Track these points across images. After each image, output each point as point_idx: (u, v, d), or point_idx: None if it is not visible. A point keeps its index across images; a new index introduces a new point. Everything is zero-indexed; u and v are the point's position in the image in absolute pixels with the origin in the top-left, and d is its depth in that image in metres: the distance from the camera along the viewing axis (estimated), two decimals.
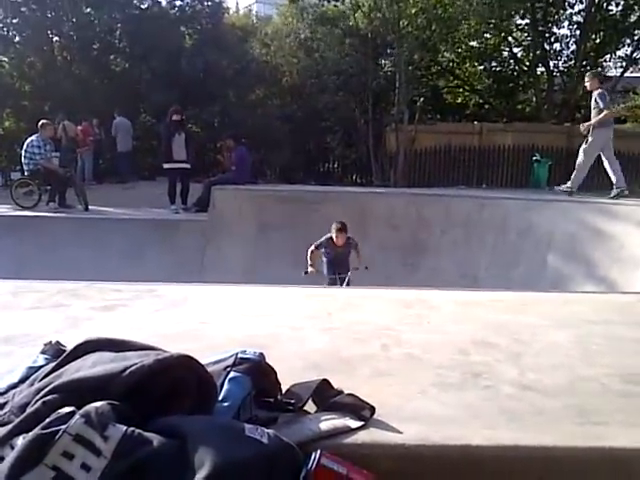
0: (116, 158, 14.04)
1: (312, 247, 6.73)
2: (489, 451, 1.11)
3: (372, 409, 1.20)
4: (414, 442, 1.11)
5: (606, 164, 8.48)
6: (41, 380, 1.02)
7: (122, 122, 13.74)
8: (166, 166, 9.83)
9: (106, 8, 15.93)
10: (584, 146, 8.68)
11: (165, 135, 9.87)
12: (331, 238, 6.67)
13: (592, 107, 8.41)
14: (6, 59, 17.37)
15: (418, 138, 15.09)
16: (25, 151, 9.74)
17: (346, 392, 1.25)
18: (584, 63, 17.25)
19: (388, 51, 17.16)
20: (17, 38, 17.00)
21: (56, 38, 17.20)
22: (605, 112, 8.15)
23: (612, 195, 8.31)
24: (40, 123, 9.94)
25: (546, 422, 1.22)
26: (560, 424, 1.21)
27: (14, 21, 16.41)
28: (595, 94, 8.33)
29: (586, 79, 8.79)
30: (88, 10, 16.70)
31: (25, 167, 9.85)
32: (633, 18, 16.55)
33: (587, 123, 8.56)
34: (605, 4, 16.67)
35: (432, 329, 1.92)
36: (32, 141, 9.73)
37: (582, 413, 1.27)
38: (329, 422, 1.14)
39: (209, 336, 1.75)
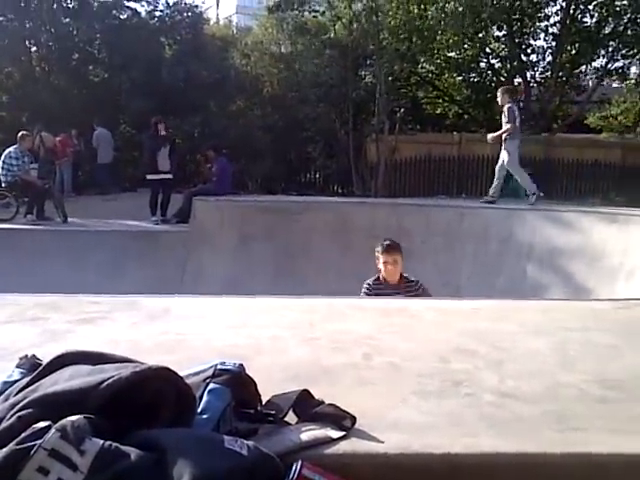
0: (96, 169, 13.92)
1: (363, 290, 4.40)
2: (469, 459, 1.11)
3: (353, 419, 1.20)
4: (395, 451, 1.11)
5: (513, 173, 9.25)
6: (16, 394, 1.01)
7: (102, 133, 13.65)
8: (150, 177, 9.77)
9: (85, 18, 15.85)
10: (502, 159, 9.26)
11: (150, 146, 9.80)
12: (378, 276, 4.47)
13: (503, 121, 9.01)
14: None
15: (398, 148, 15.20)
16: (3, 162, 9.60)
17: (327, 402, 1.24)
18: (560, 74, 17.54)
19: (368, 62, 17.30)
20: None
21: (34, 48, 17.05)
22: (509, 126, 8.81)
23: (530, 202, 8.87)
24: (19, 134, 9.82)
25: (526, 429, 1.23)
26: (540, 431, 1.22)
27: None
28: (504, 108, 8.93)
29: (498, 94, 9.38)
30: (67, 20, 16.60)
31: (2, 179, 9.70)
32: (607, 30, 16.89)
33: (493, 134, 9.33)
34: (580, 16, 17.00)
35: (413, 338, 1.93)
36: (10, 152, 9.60)
37: (561, 419, 1.28)
38: (310, 432, 1.13)
39: (189, 347, 1.73)
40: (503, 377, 1.54)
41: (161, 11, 17.93)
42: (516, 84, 18.31)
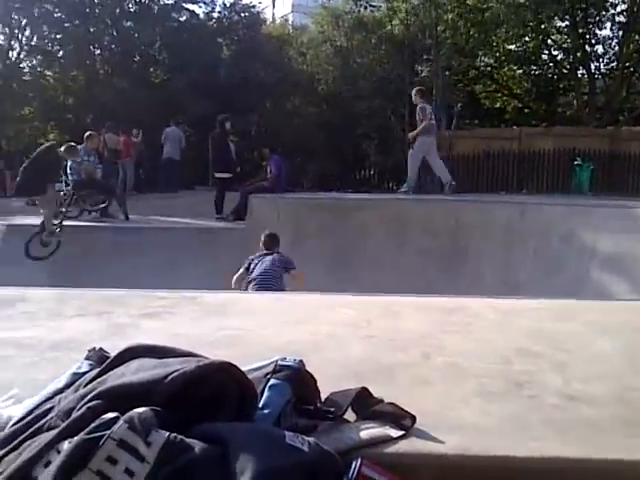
0: (163, 166, 14.20)
1: None
2: (535, 463, 1.08)
3: (413, 418, 1.18)
4: (456, 452, 1.09)
5: (433, 167, 10.42)
6: (86, 386, 1.04)
7: (173, 130, 13.96)
8: (219, 175, 9.95)
9: (146, 21, 16.31)
10: (410, 151, 10.36)
11: (220, 144, 9.98)
12: None
13: (417, 119, 10.00)
14: (50, 73, 17.95)
15: (456, 144, 14.94)
16: (71, 162, 9.96)
17: (386, 401, 1.23)
18: (627, 65, 16.82)
19: (424, 57, 17.09)
20: (61, 53, 17.54)
21: (98, 52, 17.69)
22: (424, 124, 9.77)
23: (446, 191, 10.00)
24: (86, 134, 10.17)
25: (593, 434, 1.18)
26: (608, 436, 1.17)
27: (58, 36, 16.96)
28: (418, 108, 9.94)
29: (412, 94, 10.32)
30: (129, 23, 17.13)
31: (69, 178, 10.08)
32: None
33: (413, 133, 10.24)
34: None
35: (474, 337, 1.89)
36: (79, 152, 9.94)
37: (631, 424, 1.23)
38: (369, 431, 1.13)
39: (247, 343, 1.75)
40: (568, 379, 1.49)
41: (219, 12, 18.31)
42: (579, 76, 17.70)
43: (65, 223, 9.42)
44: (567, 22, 17.10)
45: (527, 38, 17.74)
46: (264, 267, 5.71)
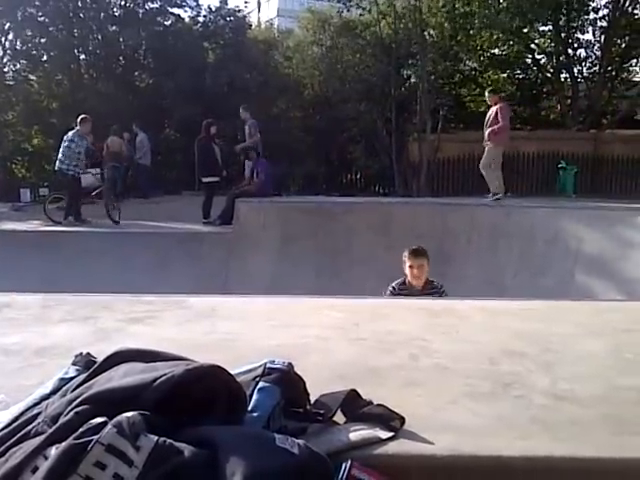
0: (139, 173, 14.14)
1: (387, 292, 4.59)
2: (523, 462, 1.09)
3: (402, 419, 1.18)
4: (446, 453, 1.09)
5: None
6: (73, 391, 1.03)
7: (145, 137, 13.90)
8: (205, 180, 9.92)
9: (131, 25, 16.24)
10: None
11: (206, 149, 9.95)
12: (404, 280, 4.60)
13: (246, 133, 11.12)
14: (34, 78, 17.79)
15: (441, 147, 15.03)
16: (63, 147, 9.81)
17: (375, 402, 1.23)
18: (609, 68, 17.02)
19: (410, 61, 17.18)
20: (45, 57, 17.41)
21: (82, 56, 17.57)
22: (253, 139, 10.83)
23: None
24: (80, 117, 10.03)
25: (581, 433, 1.19)
26: (596, 435, 1.18)
27: (42, 41, 16.82)
28: (247, 125, 11.14)
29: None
30: (114, 27, 17.05)
31: (60, 164, 9.83)
32: None
33: (240, 146, 11.45)
34: (630, 8, 16.46)
35: (461, 339, 1.90)
36: (69, 136, 9.83)
37: (619, 423, 1.24)
38: (359, 433, 1.13)
39: (235, 347, 1.75)
40: (556, 379, 1.50)
41: (204, 16, 18.25)
42: (562, 80, 17.88)
43: (51, 229, 9.35)
44: (550, 26, 17.29)
45: (511, 42, 17.90)
46: None
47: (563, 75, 17.99)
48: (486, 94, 10.81)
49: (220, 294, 2.75)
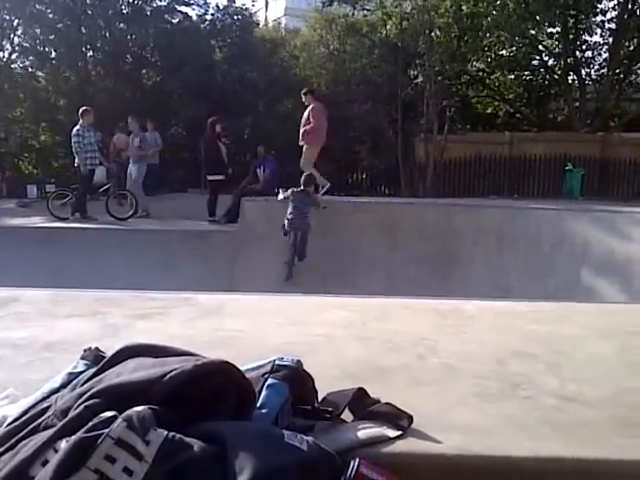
0: (148, 173, 14.13)
1: None
2: (532, 462, 1.08)
3: (410, 418, 1.18)
4: (454, 452, 1.09)
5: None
6: (82, 385, 1.03)
7: (157, 136, 13.89)
8: (211, 178, 9.93)
9: (139, 23, 16.27)
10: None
11: (212, 147, 9.96)
12: None
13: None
14: (42, 74, 17.85)
15: (448, 148, 15.01)
16: (73, 142, 9.92)
17: (383, 401, 1.23)
18: (617, 71, 16.96)
19: (417, 61, 17.15)
20: (53, 54, 17.46)
21: (90, 53, 17.62)
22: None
23: None
24: (81, 110, 10.10)
25: (590, 434, 1.19)
26: (605, 436, 1.18)
27: (50, 37, 16.87)
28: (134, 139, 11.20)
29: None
30: (122, 25, 17.08)
31: (77, 161, 9.95)
32: None
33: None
34: (639, 10, 16.39)
35: (469, 339, 1.89)
36: (77, 130, 9.88)
37: (628, 425, 1.23)
38: (367, 431, 1.12)
39: (243, 344, 1.75)
40: (564, 381, 1.49)
41: (212, 15, 18.29)
42: (570, 81, 17.83)
43: (57, 225, 9.38)
44: (558, 28, 17.23)
45: (519, 44, 17.85)
46: None
47: (571, 77, 17.94)
48: (302, 95, 10.24)
49: (226, 292, 2.75)
